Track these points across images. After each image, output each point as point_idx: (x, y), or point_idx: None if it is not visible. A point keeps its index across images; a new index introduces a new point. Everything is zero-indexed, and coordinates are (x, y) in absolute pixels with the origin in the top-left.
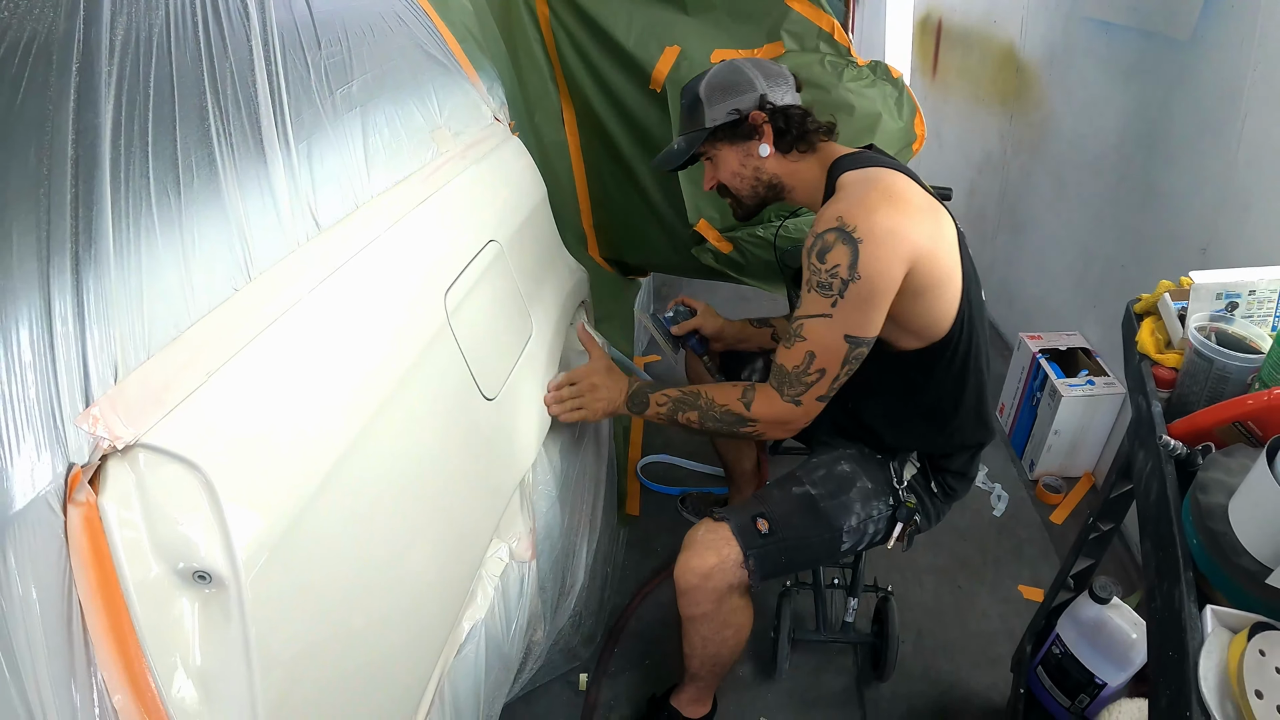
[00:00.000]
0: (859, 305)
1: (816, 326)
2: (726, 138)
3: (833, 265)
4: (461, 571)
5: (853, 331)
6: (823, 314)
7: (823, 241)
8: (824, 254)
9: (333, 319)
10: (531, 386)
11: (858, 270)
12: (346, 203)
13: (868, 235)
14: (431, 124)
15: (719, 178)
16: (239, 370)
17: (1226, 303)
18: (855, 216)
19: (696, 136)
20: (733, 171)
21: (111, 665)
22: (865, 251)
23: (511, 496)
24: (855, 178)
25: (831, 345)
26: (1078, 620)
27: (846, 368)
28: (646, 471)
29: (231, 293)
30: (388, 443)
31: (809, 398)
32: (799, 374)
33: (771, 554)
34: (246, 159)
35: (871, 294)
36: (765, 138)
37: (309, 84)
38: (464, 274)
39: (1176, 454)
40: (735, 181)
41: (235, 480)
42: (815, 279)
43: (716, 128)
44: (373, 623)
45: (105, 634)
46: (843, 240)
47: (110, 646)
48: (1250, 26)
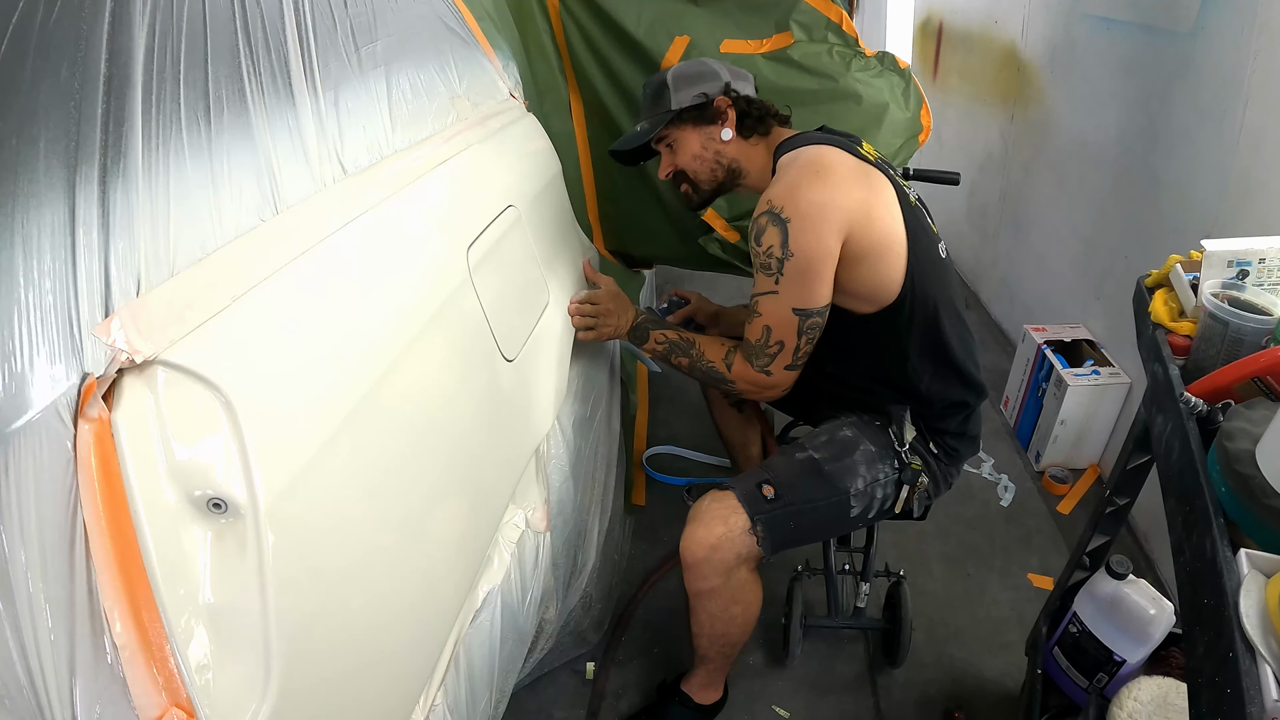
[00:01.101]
0: (799, 280)
1: (767, 303)
2: (691, 120)
3: (768, 246)
4: (480, 530)
5: (800, 304)
6: (769, 291)
7: (757, 226)
8: (759, 237)
9: (358, 260)
10: (547, 356)
11: (790, 248)
12: (372, 153)
13: (795, 214)
14: (451, 92)
15: (677, 163)
16: (264, 298)
17: (1238, 270)
18: (782, 198)
19: (661, 118)
20: (694, 155)
21: (114, 594)
22: (794, 229)
23: (528, 464)
24: (789, 159)
25: (783, 319)
26: (1095, 597)
27: (805, 337)
28: (651, 463)
29: (259, 223)
30: (410, 387)
31: (776, 367)
32: (761, 347)
33: (779, 520)
34: (276, 99)
35: (808, 267)
36: (728, 121)
37: (335, 37)
38: (485, 234)
39: (1198, 411)
40: (695, 165)
41: (257, 406)
42: (757, 260)
43: (682, 110)
44: (391, 573)
45: (109, 561)
46: (773, 222)
47: (114, 574)
48: (1250, 15)
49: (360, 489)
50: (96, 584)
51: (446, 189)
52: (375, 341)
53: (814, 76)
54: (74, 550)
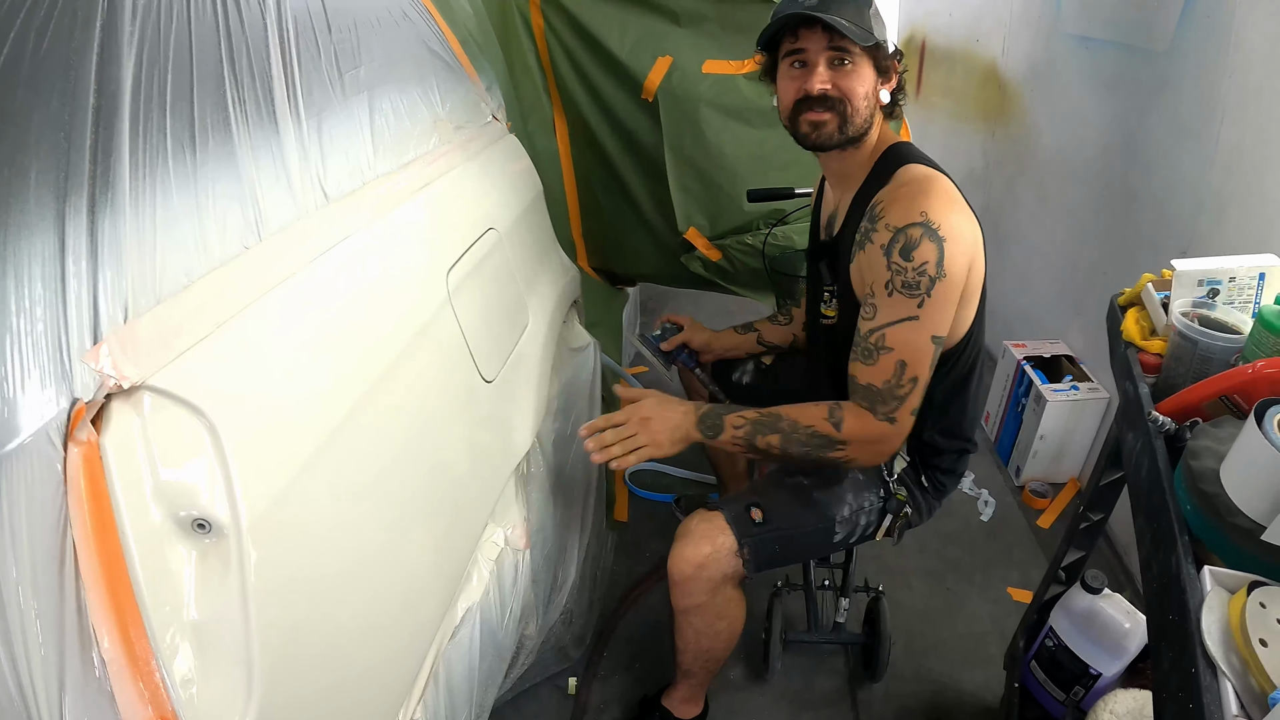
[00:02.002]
0: (943, 304)
1: (903, 332)
2: (877, 60)
3: (920, 263)
4: (459, 549)
5: (938, 331)
6: (908, 317)
7: (907, 237)
8: (910, 251)
9: (339, 284)
10: (527, 376)
11: (944, 267)
12: (354, 178)
13: (949, 233)
14: (434, 115)
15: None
16: (248, 324)
17: (1208, 289)
18: (938, 213)
19: (867, 36)
20: (865, 91)
21: (102, 611)
22: (949, 249)
23: (507, 483)
24: (923, 173)
25: (921, 349)
26: (1071, 612)
27: (930, 372)
28: (635, 478)
29: (243, 250)
30: (390, 409)
31: (903, 413)
32: (892, 389)
33: (766, 543)
34: (260, 127)
35: (954, 292)
36: (890, 84)
37: (319, 64)
38: (465, 257)
39: (1165, 429)
40: (861, 103)
41: (240, 430)
42: (900, 278)
43: (879, 44)
44: (371, 591)
45: (98, 578)
46: (929, 236)
47: (102, 591)
48: (1225, 34)
49: (341, 508)
50: (85, 601)
51: (427, 213)
52: (355, 364)
53: None
54: (64, 568)
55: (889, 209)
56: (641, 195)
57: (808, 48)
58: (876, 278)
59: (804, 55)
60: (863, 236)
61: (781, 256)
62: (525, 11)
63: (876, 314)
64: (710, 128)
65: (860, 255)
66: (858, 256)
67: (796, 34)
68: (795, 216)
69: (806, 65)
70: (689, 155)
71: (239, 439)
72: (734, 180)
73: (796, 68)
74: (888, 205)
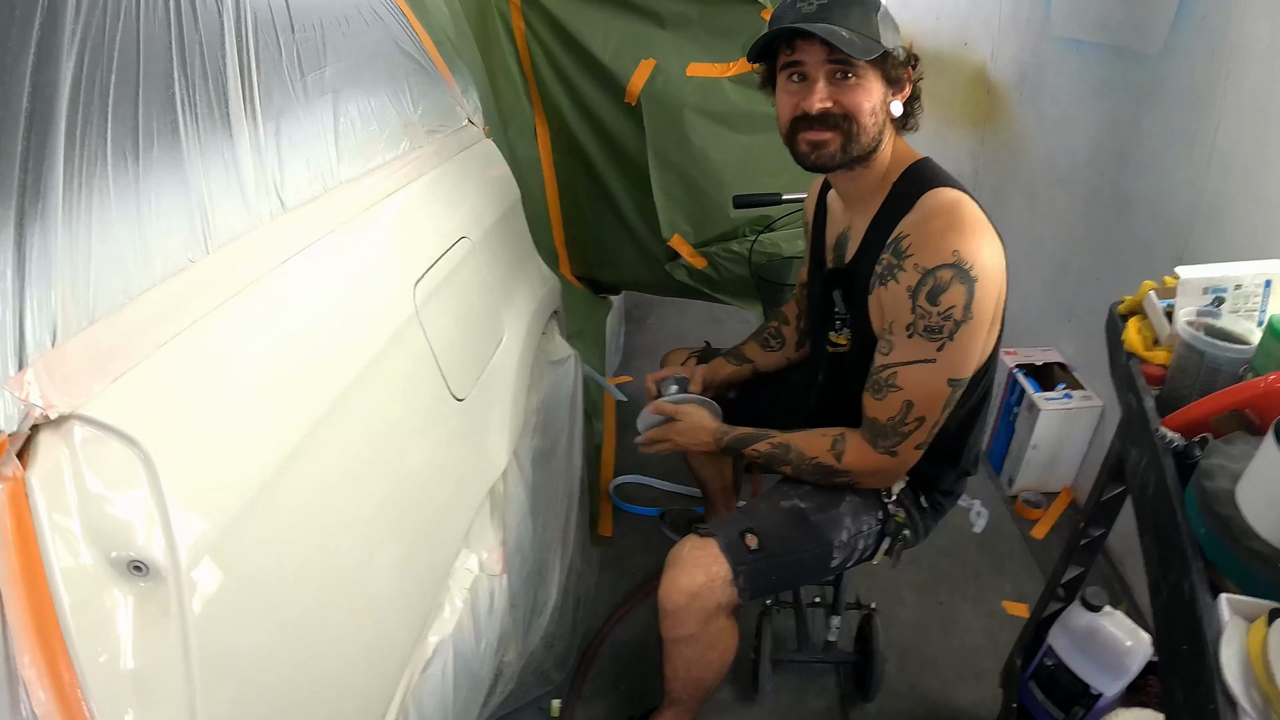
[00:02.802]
0: (966, 347)
1: (916, 373)
2: (886, 70)
3: (947, 308)
4: (428, 580)
5: (956, 374)
6: (924, 359)
7: (936, 280)
8: (937, 295)
9: (294, 300)
10: (503, 392)
11: (971, 310)
12: (314, 185)
13: (981, 272)
14: (405, 119)
15: (849, 101)
16: (191, 345)
17: (1213, 298)
18: (970, 251)
19: (873, 47)
20: (872, 107)
21: (32, 661)
22: (979, 290)
23: (482, 505)
24: (951, 200)
25: (933, 392)
26: (1070, 630)
27: (946, 411)
28: (619, 492)
29: (187, 264)
30: (351, 433)
31: (905, 447)
32: (894, 425)
33: (761, 571)
34: (211, 131)
35: (978, 333)
36: (904, 94)
37: (280, 64)
38: (435, 268)
39: (1174, 446)
40: (868, 119)
41: (180, 462)
42: (923, 323)
43: (888, 54)
44: (331, 631)
45: (26, 626)
46: (960, 279)
47: (32, 640)
48: (1221, 36)
49: (295, 541)
50: (13, 651)
51: (394, 222)
52: (312, 386)
53: None
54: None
55: (918, 246)
56: (625, 202)
57: (805, 60)
58: (898, 318)
59: (802, 68)
60: (886, 271)
61: (768, 264)
62: (506, 14)
63: (892, 351)
64: (695, 132)
65: (882, 291)
66: (878, 291)
67: (793, 44)
68: (783, 223)
69: (805, 79)
70: (673, 161)
71: (179, 472)
72: (719, 186)
73: (795, 81)
74: (916, 241)
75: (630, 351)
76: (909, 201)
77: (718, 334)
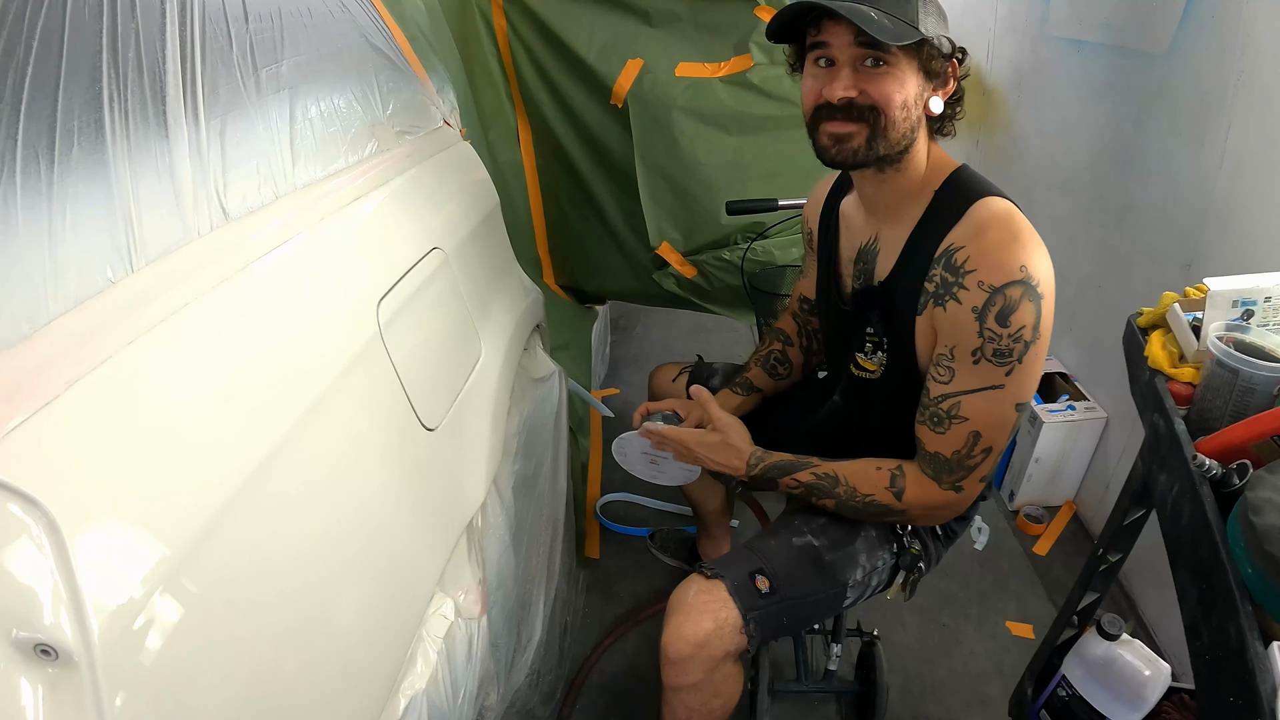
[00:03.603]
0: (1032, 368)
1: (982, 402)
2: (925, 62)
3: (1018, 329)
4: (397, 633)
5: (1023, 399)
6: (991, 386)
7: (1006, 299)
8: (1008, 315)
9: (235, 324)
10: (480, 416)
11: (1039, 329)
12: (264, 192)
13: (1046, 289)
14: (373, 118)
15: (878, 93)
16: (111, 381)
17: (1242, 310)
18: (1036, 265)
19: (909, 32)
20: (905, 100)
21: None
22: (1045, 307)
23: (457, 544)
24: (1004, 211)
25: (1001, 419)
26: (1085, 659)
27: (1010, 438)
28: (606, 511)
29: (108, 284)
30: (301, 478)
31: (971, 481)
32: (961, 459)
33: (773, 615)
34: (144, 131)
35: (1043, 352)
36: (946, 91)
37: (230, 57)
38: (401, 282)
39: (1211, 474)
40: (899, 113)
41: (94, 524)
42: (992, 346)
43: (927, 42)
44: (281, 699)
45: None
46: (1029, 296)
47: None
48: (1232, 35)
49: (239, 606)
50: None
51: (356, 232)
52: (257, 424)
53: (775, 101)
54: None
55: (979, 260)
56: (611, 208)
57: (832, 43)
58: (961, 342)
59: (829, 51)
60: (942, 289)
61: (761, 273)
62: (487, 12)
63: (953, 379)
64: (684, 135)
65: (938, 312)
66: (932, 312)
67: (820, 24)
68: (777, 230)
69: (833, 64)
70: (661, 165)
71: (92, 537)
72: (710, 191)
73: (821, 66)
74: (976, 256)
75: (616, 362)
76: (956, 212)
77: (707, 344)
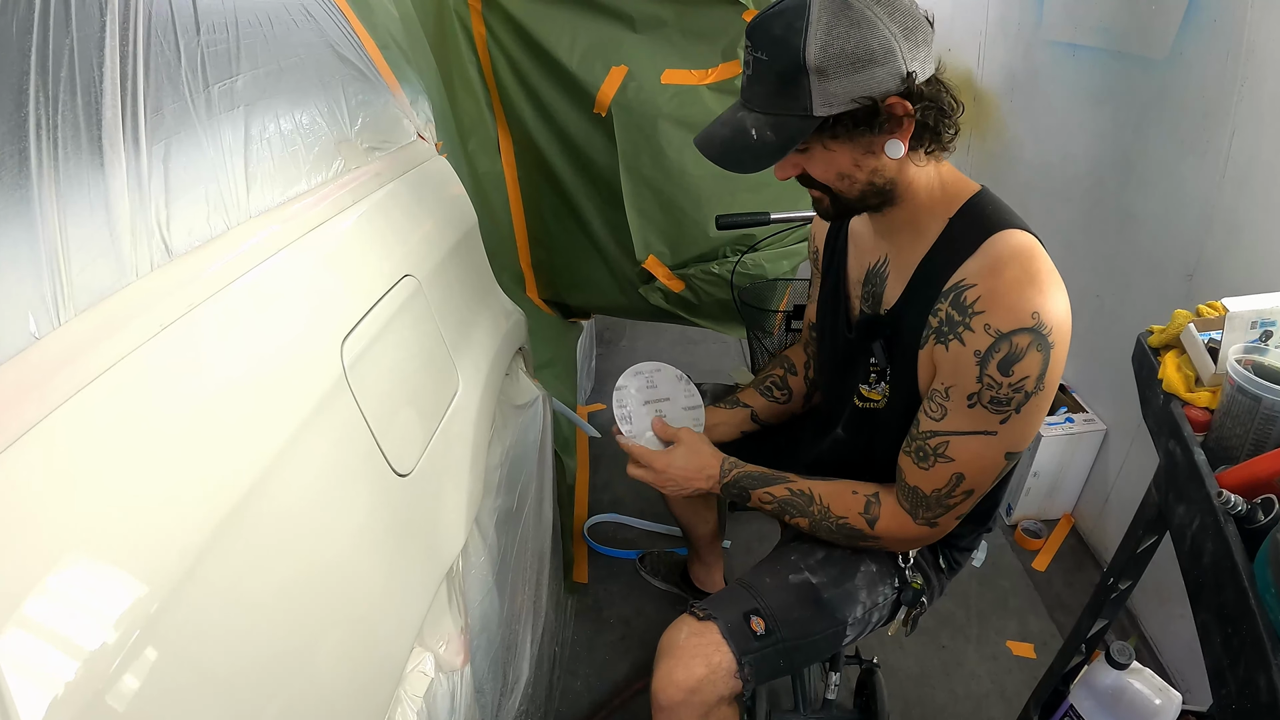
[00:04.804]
0: (1030, 419)
1: (971, 445)
2: (845, 130)
3: (1020, 378)
4: (372, 699)
5: (1015, 448)
6: (984, 431)
7: (1012, 347)
8: (1011, 365)
9: (179, 377)
10: (459, 454)
11: (1044, 381)
12: (214, 223)
13: (1058, 337)
14: (339, 135)
15: (814, 173)
16: (32, 452)
17: (1261, 331)
18: (1050, 311)
19: (799, 128)
20: (840, 172)
21: None
22: (1054, 356)
23: (436, 593)
24: (1024, 246)
25: (989, 465)
26: (1094, 689)
27: (996, 482)
28: (594, 533)
29: (31, 341)
30: (258, 542)
31: (948, 519)
32: (940, 498)
33: (769, 658)
34: (76, 160)
35: (1047, 403)
36: (903, 133)
37: (178, 74)
38: (369, 316)
39: (1237, 511)
40: (840, 184)
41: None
42: (989, 394)
43: (834, 117)
44: None
45: None
46: (1037, 345)
47: None
48: (1236, 41)
49: (191, 689)
50: None
51: (318, 263)
52: (207, 488)
53: None
54: None
55: (990, 302)
56: (595, 221)
57: None
58: (958, 383)
59: None
60: (946, 327)
61: (752, 288)
62: (466, 18)
63: (945, 418)
64: (670, 145)
65: (940, 349)
66: (934, 348)
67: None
68: (768, 243)
69: None
70: (646, 176)
71: (15, 651)
72: (697, 203)
73: None
74: (986, 295)
75: (603, 376)
76: (971, 243)
77: (694, 355)
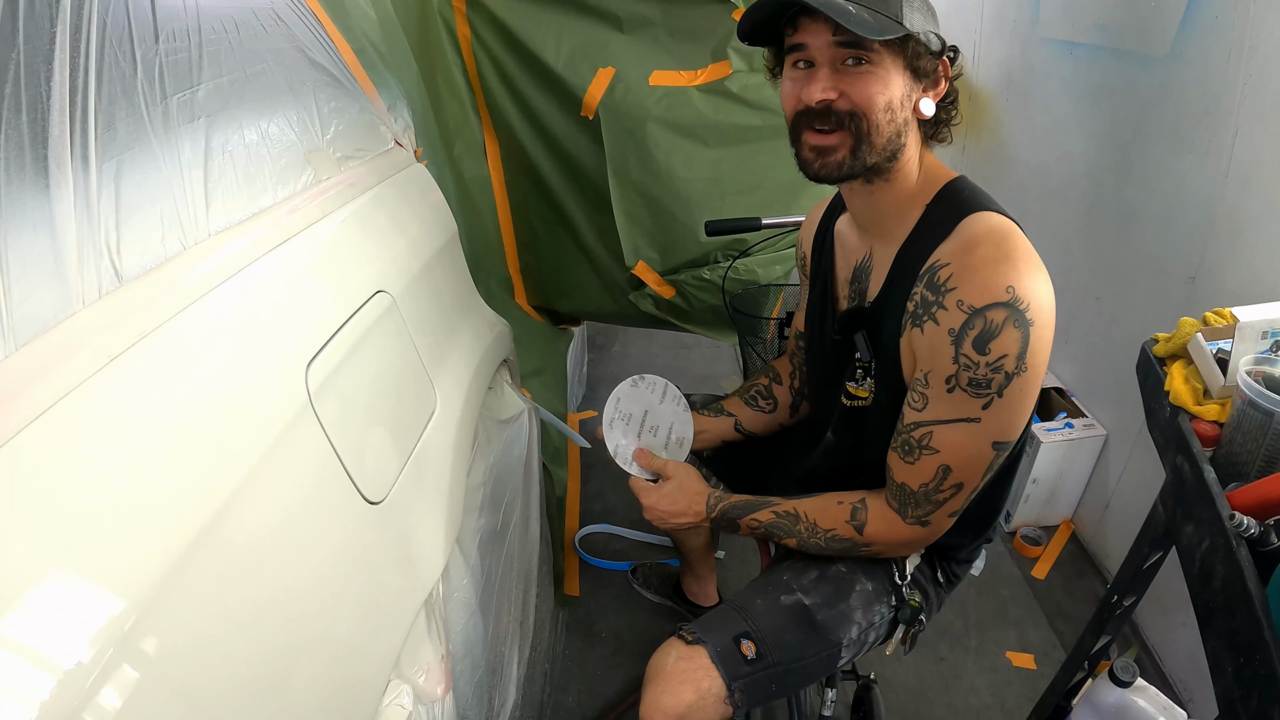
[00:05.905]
0: (1016, 403)
1: (955, 434)
2: (905, 59)
3: (998, 357)
4: None
5: (1003, 437)
6: (967, 419)
7: (986, 322)
8: (986, 341)
9: (130, 411)
10: (437, 475)
11: (1025, 361)
12: (169, 244)
13: (1038, 314)
14: (310, 144)
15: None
16: None
17: (1272, 342)
18: (1026, 287)
19: (891, 26)
20: (889, 102)
21: None
22: (1035, 336)
23: (414, 621)
24: (999, 227)
25: (975, 455)
26: (1098, 707)
27: (988, 476)
28: (585, 544)
29: None
30: (217, 580)
31: (939, 516)
32: (928, 493)
33: (761, 682)
34: (18, 180)
35: (1033, 386)
36: (937, 92)
37: (133, 85)
38: (337, 337)
39: (1250, 534)
40: (882, 116)
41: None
42: (967, 375)
43: (912, 38)
44: None
45: None
46: (1014, 321)
47: None
48: (1239, 38)
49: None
50: None
51: (280, 283)
52: (162, 525)
53: (755, 110)
54: None
55: (962, 278)
56: (584, 226)
57: (809, 42)
58: (936, 367)
59: (807, 52)
60: (921, 309)
61: (744, 293)
62: (450, 20)
63: (927, 406)
64: (659, 148)
65: (916, 333)
66: (910, 333)
67: (796, 22)
68: (759, 248)
69: (812, 65)
70: (635, 180)
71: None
72: (687, 207)
73: (800, 68)
74: (959, 272)
75: (594, 382)
76: (947, 226)
77: (687, 361)
